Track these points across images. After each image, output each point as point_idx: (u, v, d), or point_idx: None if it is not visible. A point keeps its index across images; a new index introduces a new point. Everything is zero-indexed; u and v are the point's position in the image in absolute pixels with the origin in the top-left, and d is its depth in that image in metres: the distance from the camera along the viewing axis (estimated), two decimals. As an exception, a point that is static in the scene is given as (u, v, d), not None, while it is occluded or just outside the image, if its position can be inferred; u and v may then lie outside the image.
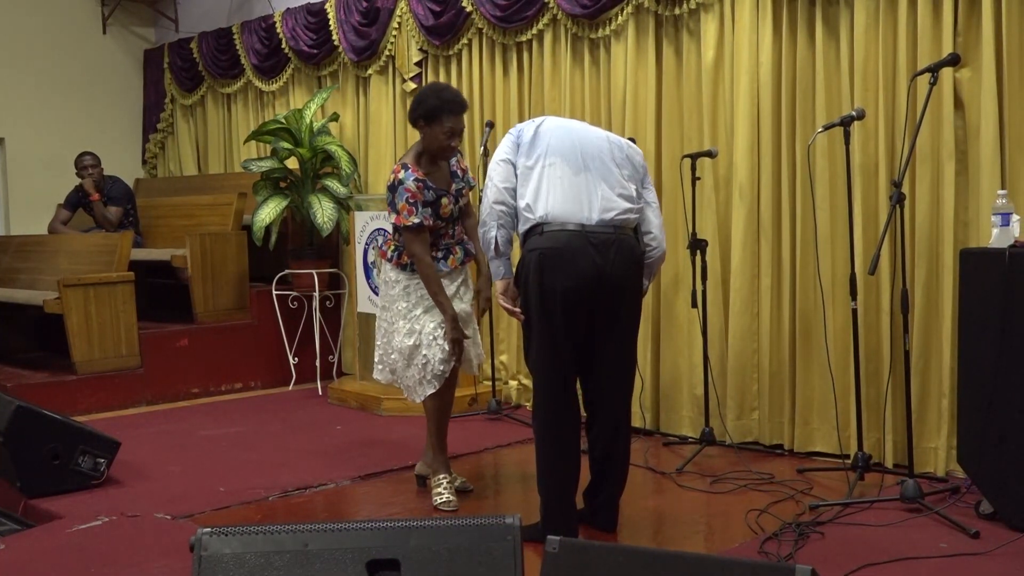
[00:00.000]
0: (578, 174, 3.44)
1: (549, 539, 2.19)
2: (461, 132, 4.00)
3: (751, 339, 4.82)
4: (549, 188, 3.42)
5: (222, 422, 5.73)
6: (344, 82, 6.99)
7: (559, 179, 3.43)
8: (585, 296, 3.37)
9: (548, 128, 3.54)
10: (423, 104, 3.94)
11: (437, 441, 4.09)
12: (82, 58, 8.51)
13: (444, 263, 4.03)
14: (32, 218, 7.78)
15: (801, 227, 4.63)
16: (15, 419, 4.10)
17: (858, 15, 4.38)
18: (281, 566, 2.13)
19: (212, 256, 6.69)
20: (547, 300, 3.36)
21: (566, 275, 3.35)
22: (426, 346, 3.95)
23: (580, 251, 3.36)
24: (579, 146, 3.49)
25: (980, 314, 3.60)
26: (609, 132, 3.69)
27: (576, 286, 3.35)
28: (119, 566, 3.39)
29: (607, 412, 3.59)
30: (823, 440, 4.58)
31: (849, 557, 3.26)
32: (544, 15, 5.57)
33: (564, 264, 3.35)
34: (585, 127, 3.64)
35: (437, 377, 3.96)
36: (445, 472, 4.07)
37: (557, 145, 3.48)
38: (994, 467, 3.55)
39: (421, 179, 3.93)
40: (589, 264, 3.36)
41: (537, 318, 3.40)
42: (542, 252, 3.37)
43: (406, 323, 4.00)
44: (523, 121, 3.95)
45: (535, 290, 3.38)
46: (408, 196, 3.88)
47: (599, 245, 3.38)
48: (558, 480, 3.47)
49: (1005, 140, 4.04)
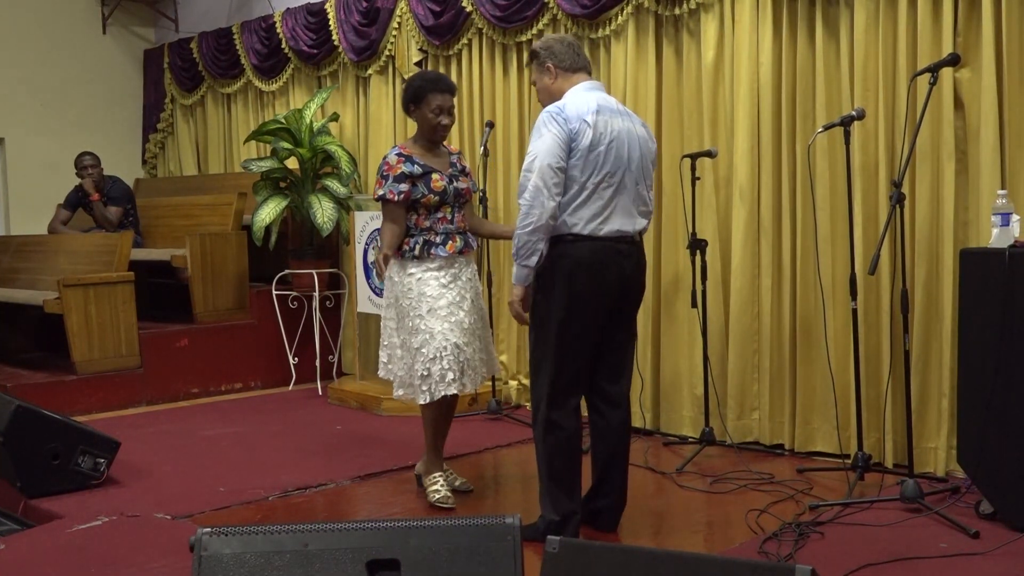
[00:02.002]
0: (621, 193, 3.46)
1: (549, 539, 2.19)
2: (450, 111, 4.02)
3: (751, 339, 4.82)
4: (595, 210, 3.41)
5: (222, 422, 5.73)
6: (344, 82, 6.99)
7: (608, 201, 3.42)
8: (609, 303, 3.49)
9: (606, 134, 3.40)
10: (410, 88, 4.06)
11: (432, 442, 4.09)
12: (82, 58, 8.51)
13: (442, 248, 3.96)
14: (32, 218, 7.78)
15: (801, 227, 4.64)
16: (15, 419, 4.10)
17: (858, 15, 4.38)
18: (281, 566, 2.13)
19: (212, 256, 6.69)
20: (575, 307, 3.42)
21: (596, 284, 3.43)
22: (431, 359, 3.89)
23: (611, 262, 3.45)
24: (627, 161, 3.46)
25: (980, 314, 3.60)
26: (642, 125, 3.61)
27: (605, 294, 3.46)
28: (119, 566, 3.39)
29: (615, 410, 3.61)
30: (823, 440, 4.58)
31: (849, 557, 3.26)
32: (544, 15, 5.57)
33: (595, 274, 3.42)
34: (631, 126, 3.52)
35: (432, 395, 3.92)
36: (439, 471, 4.07)
37: (615, 163, 3.42)
38: (994, 467, 3.55)
39: (405, 154, 3.96)
40: (617, 273, 3.47)
41: (560, 323, 3.43)
42: (576, 261, 3.41)
43: (410, 321, 3.95)
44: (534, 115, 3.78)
45: (563, 296, 3.42)
46: (384, 169, 3.96)
47: (626, 255, 3.50)
48: (572, 478, 3.49)
49: (1005, 140, 4.04)
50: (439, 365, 3.88)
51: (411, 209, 3.98)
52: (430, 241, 3.96)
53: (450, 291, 3.95)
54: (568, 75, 3.58)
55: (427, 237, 3.96)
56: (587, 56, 3.67)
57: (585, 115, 3.38)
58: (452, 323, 3.91)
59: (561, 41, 3.63)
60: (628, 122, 3.53)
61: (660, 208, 5.17)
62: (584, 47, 5.42)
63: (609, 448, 3.63)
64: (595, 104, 3.44)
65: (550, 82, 3.60)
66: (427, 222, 3.97)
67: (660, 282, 5.18)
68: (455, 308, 3.94)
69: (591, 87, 3.57)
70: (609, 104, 3.51)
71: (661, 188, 5.16)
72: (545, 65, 3.60)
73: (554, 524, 3.42)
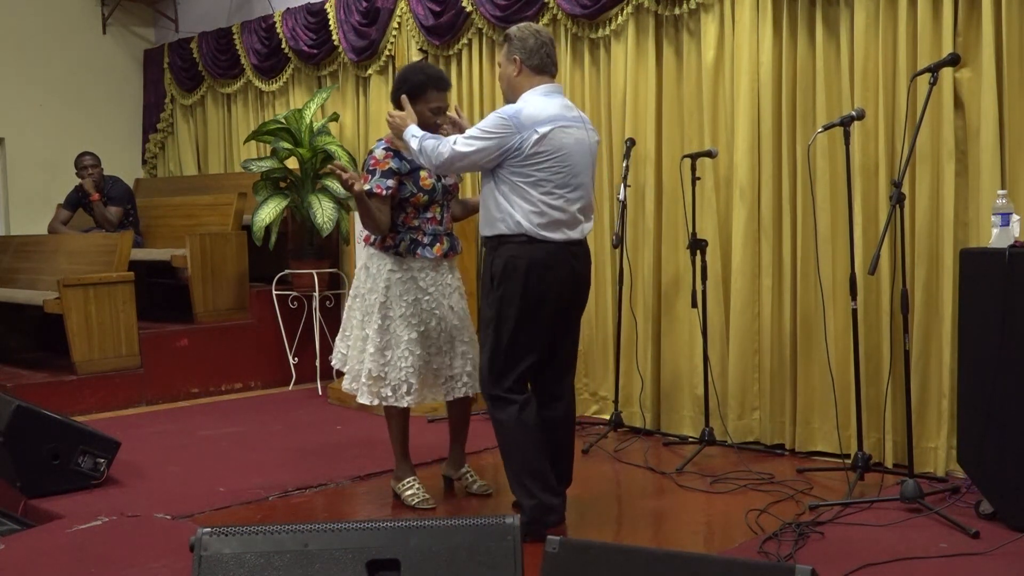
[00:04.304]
0: (571, 204, 3.56)
1: (549, 539, 2.19)
2: (445, 111, 3.91)
3: (751, 339, 4.82)
4: (546, 219, 3.51)
5: (222, 422, 5.73)
6: (344, 82, 6.99)
7: (557, 209, 3.52)
8: (562, 299, 3.61)
9: (557, 146, 3.49)
10: (408, 80, 3.89)
11: (400, 449, 4.07)
12: (82, 58, 8.51)
13: (429, 249, 3.88)
14: (32, 218, 7.79)
15: (801, 227, 4.64)
16: (15, 419, 4.10)
17: (858, 15, 4.38)
18: (281, 566, 2.14)
19: (212, 256, 6.69)
20: (529, 305, 3.54)
21: (549, 283, 3.54)
22: (389, 363, 3.88)
23: (563, 262, 3.57)
24: (578, 170, 3.56)
25: (980, 314, 3.60)
26: (587, 124, 3.67)
27: (558, 292, 3.58)
28: (119, 566, 3.39)
29: (558, 403, 3.74)
30: (823, 440, 4.58)
31: (849, 557, 3.26)
32: (544, 15, 5.57)
33: (548, 273, 3.54)
34: (583, 135, 3.60)
35: (380, 396, 3.92)
36: (411, 475, 4.06)
37: (566, 174, 3.52)
38: (994, 467, 3.55)
39: (391, 148, 3.87)
40: (568, 272, 3.60)
41: (516, 321, 3.55)
42: (530, 262, 3.52)
43: (378, 320, 3.88)
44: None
45: (517, 295, 3.53)
46: (371, 164, 3.86)
47: (576, 255, 3.63)
48: (539, 468, 3.58)
49: (1005, 140, 4.04)
50: (395, 374, 3.87)
51: (398, 207, 3.88)
52: (417, 241, 3.88)
53: (427, 297, 3.88)
54: (531, 75, 3.62)
55: (415, 236, 3.88)
56: (556, 59, 3.69)
57: (538, 125, 3.47)
58: (421, 333, 3.88)
59: (537, 37, 3.64)
60: (581, 130, 3.61)
61: (660, 208, 5.17)
62: (584, 47, 5.47)
63: (556, 438, 3.71)
64: (553, 111, 3.52)
65: (512, 74, 3.65)
66: (415, 221, 3.89)
67: (660, 282, 5.18)
68: (428, 316, 3.88)
69: (550, 91, 3.60)
70: (565, 114, 3.57)
71: (661, 188, 5.16)
72: (512, 56, 3.65)
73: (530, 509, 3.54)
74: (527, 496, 3.56)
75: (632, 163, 5.07)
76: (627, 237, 5.14)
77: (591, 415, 5.49)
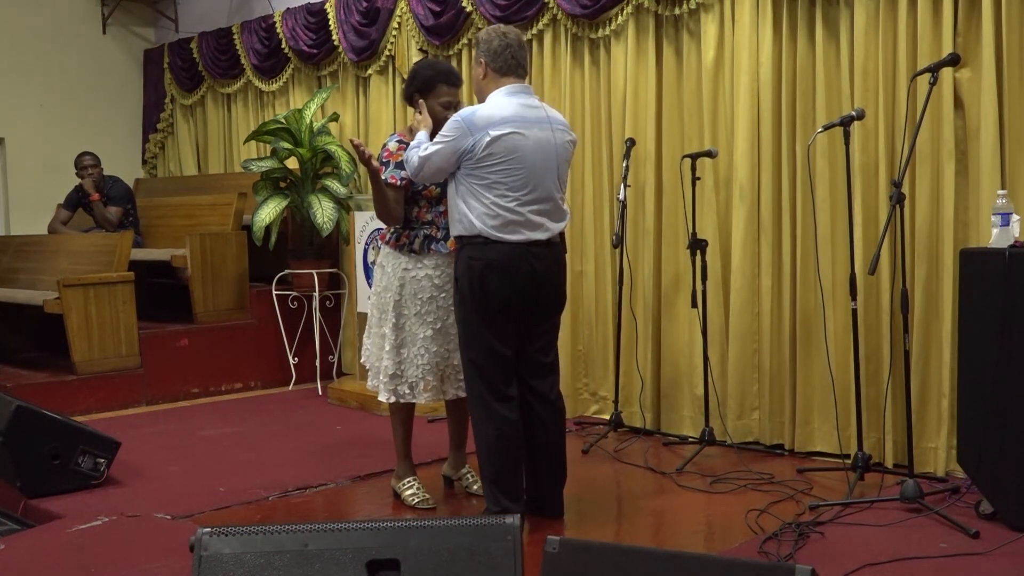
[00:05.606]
0: (526, 207, 3.55)
1: (549, 539, 2.20)
2: (457, 106, 3.86)
3: (751, 339, 4.82)
4: (500, 220, 3.52)
5: (222, 422, 5.73)
6: (344, 82, 6.99)
7: (509, 211, 3.52)
8: (523, 300, 3.59)
9: (511, 148, 3.49)
10: (418, 76, 3.92)
11: (402, 448, 4.08)
12: (82, 58, 8.50)
13: (443, 244, 3.90)
14: (32, 218, 7.78)
15: (801, 227, 4.63)
16: (15, 419, 4.10)
17: (858, 15, 4.38)
18: (281, 566, 2.14)
19: (212, 256, 6.69)
20: (488, 306, 3.56)
21: (507, 284, 3.55)
22: (405, 360, 3.90)
23: (521, 263, 3.56)
24: (539, 173, 3.55)
25: (980, 314, 3.60)
26: (561, 127, 3.67)
27: (516, 292, 3.57)
28: (119, 566, 3.39)
29: (544, 403, 3.73)
30: (823, 440, 4.58)
31: (849, 557, 3.26)
32: (544, 15, 5.57)
33: (505, 274, 3.54)
34: (548, 135, 3.59)
35: (397, 394, 3.93)
36: (411, 475, 4.07)
37: (524, 178, 3.52)
38: (994, 467, 3.55)
39: (404, 140, 3.88)
40: (528, 273, 3.57)
41: (476, 323, 3.58)
42: (487, 263, 3.53)
43: (394, 317, 3.91)
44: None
45: (477, 297, 3.56)
46: (384, 155, 3.88)
47: (538, 256, 3.60)
48: (507, 476, 3.60)
49: (1005, 140, 4.04)
50: (413, 371, 3.89)
51: (411, 202, 3.90)
52: (431, 236, 3.90)
53: (443, 293, 3.89)
54: (497, 78, 3.63)
55: (429, 232, 3.90)
56: (525, 58, 3.68)
57: (491, 127, 3.48)
58: (437, 330, 3.89)
59: (503, 39, 3.63)
60: (546, 131, 3.59)
61: (660, 208, 5.17)
62: (584, 47, 5.47)
63: (545, 437, 3.72)
64: (510, 112, 3.52)
65: (479, 77, 3.68)
66: (429, 215, 3.91)
67: (660, 282, 5.18)
68: (444, 312, 3.88)
69: (512, 91, 3.60)
70: (525, 114, 3.56)
71: (661, 188, 5.16)
72: (479, 59, 3.67)
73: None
74: (493, 503, 3.60)
75: (632, 163, 5.07)
76: (627, 237, 5.14)
77: (591, 415, 5.49)
